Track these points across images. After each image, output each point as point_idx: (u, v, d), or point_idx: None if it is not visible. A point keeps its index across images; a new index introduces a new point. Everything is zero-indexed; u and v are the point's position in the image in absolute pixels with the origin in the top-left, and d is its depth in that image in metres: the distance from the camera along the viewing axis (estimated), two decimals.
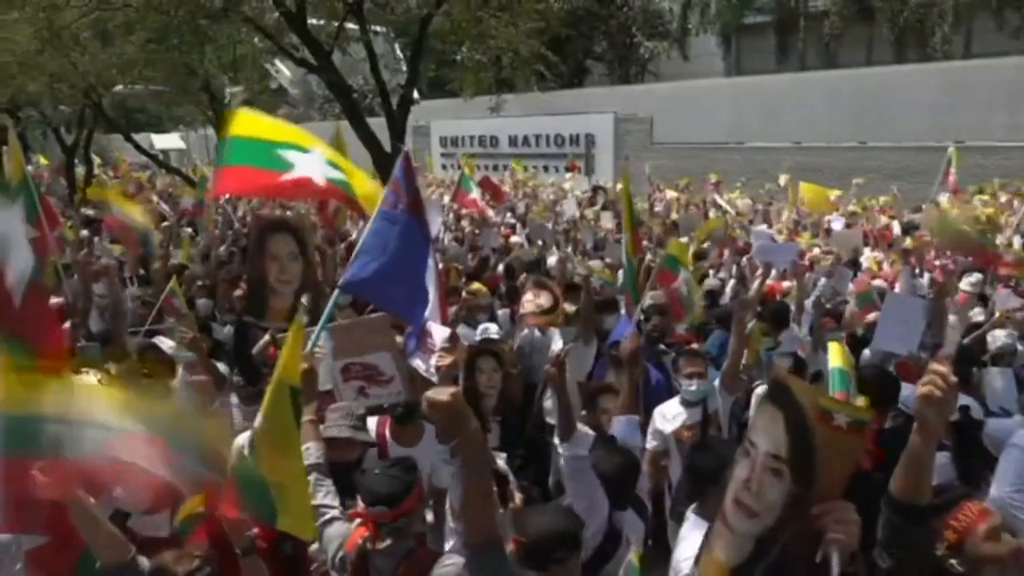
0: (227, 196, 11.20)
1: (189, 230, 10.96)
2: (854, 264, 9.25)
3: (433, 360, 3.26)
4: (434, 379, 3.41)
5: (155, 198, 14.67)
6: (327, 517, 2.84)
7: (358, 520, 2.71)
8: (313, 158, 3.96)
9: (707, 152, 22.26)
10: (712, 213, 12.81)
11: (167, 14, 8.88)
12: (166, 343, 4.72)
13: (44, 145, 29.04)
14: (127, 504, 3.02)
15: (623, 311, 5.79)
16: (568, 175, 21.01)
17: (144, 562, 2.42)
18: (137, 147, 18.46)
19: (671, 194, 16.66)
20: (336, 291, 3.59)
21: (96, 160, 21.76)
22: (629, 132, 24.63)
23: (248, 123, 4.12)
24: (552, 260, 8.57)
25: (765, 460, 1.62)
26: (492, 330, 5.51)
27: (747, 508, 1.66)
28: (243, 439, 2.90)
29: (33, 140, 29.00)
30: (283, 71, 27.93)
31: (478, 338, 5.34)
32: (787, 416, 1.60)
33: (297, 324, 2.75)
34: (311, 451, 2.97)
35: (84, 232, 9.86)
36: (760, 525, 1.65)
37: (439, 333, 3.56)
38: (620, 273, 7.70)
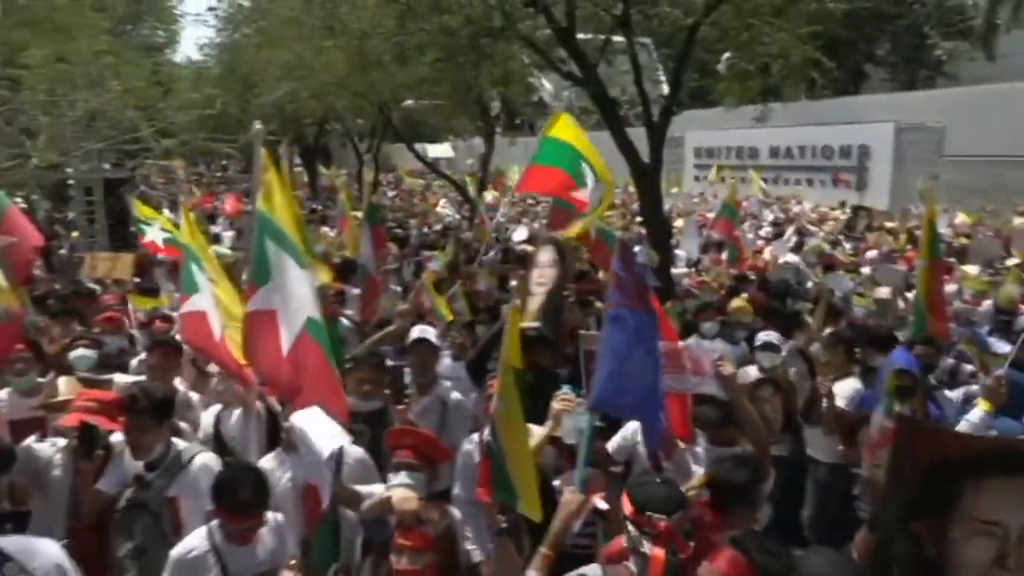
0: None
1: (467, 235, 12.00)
2: None
3: (708, 371, 3.16)
4: (712, 391, 3.30)
5: (443, 202, 16.24)
6: None
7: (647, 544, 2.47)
8: (597, 188, 4.26)
9: (1013, 166, 19.18)
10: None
11: (454, 35, 9.84)
12: (430, 331, 5.06)
13: (341, 154, 33.77)
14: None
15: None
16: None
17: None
18: (417, 156, 20.59)
19: (961, 217, 14.71)
20: (588, 415, 3.25)
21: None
22: (913, 143, 22.02)
23: (567, 128, 4.58)
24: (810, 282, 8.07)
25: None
26: (773, 336, 5.40)
27: None
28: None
29: (333, 149, 34.01)
30: (545, 84, 29.28)
31: (758, 343, 5.33)
32: None
33: (513, 309, 2.95)
34: None
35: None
36: None
37: (705, 355, 3.37)
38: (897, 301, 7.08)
